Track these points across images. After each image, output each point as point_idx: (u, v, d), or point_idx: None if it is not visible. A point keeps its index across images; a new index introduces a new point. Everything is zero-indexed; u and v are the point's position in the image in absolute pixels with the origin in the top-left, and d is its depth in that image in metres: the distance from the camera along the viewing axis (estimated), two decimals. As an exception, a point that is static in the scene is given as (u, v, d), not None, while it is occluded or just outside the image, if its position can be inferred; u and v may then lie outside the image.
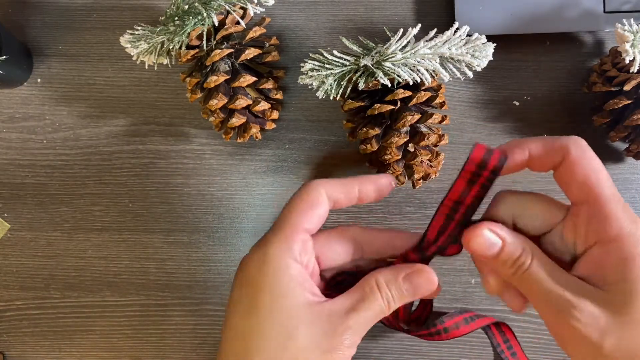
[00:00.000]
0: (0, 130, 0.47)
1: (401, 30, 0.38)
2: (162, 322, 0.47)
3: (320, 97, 0.40)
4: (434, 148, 0.41)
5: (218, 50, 0.39)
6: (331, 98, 0.39)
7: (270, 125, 0.44)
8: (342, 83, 0.39)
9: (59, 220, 0.47)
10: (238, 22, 0.40)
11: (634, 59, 0.38)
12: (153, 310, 0.47)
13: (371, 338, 0.46)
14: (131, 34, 0.41)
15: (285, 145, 0.47)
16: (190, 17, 0.39)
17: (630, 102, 0.40)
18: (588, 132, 0.45)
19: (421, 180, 0.41)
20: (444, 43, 0.38)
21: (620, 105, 0.40)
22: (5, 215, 0.47)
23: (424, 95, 0.39)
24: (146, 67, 0.46)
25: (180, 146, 0.47)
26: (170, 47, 0.40)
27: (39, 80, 0.47)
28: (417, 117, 0.39)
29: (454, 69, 0.39)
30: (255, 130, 0.42)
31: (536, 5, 0.43)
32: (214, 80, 0.39)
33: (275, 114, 0.44)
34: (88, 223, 0.47)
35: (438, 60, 0.38)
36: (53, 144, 0.47)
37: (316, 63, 0.39)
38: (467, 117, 0.46)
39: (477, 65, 0.39)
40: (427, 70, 0.38)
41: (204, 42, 0.40)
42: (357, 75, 0.39)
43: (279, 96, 0.44)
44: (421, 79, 0.38)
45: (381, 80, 0.38)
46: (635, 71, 0.39)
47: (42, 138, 0.47)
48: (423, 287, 0.28)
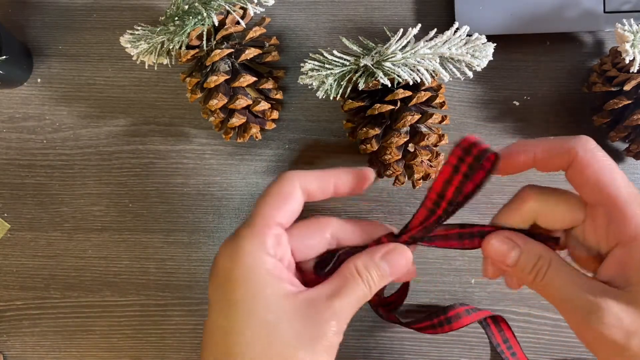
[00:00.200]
0: (0, 130, 0.47)
1: (401, 30, 0.38)
2: (162, 322, 0.47)
3: (320, 97, 0.40)
4: (434, 148, 0.41)
5: (218, 50, 0.39)
6: (331, 98, 0.39)
7: (270, 125, 0.44)
8: (342, 83, 0.39)
9: (59, 220, 0.47)
10: (238, 22, 0.40)
11: (634, 59, 0.38)
12: (153, 310, 0.47)
13: (371, 338, 0.46)
14: (131, 34, 0.41)
15: (285, 145, 0.47)
16: (190, 17, 0.39)
17: (630, 102, 0.40)
18: (588, 132, 0.45)
19: (421, 180, 0.41)
20: (444, 43, 0.38)
21: (620, 105, 0.40)
22: (5, 215, 0.47)
23: (424, 95, 0.39)
24: (146, 67, 0.46)
25: (180, 146, 0.47)
26: (170, 47, 0.40)
27: (39, 80, 0.47)
28: (417, 117, 0.39)
29: (454, 69, 0.39)
30: (255, 130, 0.42)
31: (536, 5, 0.43)
32: (214, 80, 0.39)
33: (275, 114, 0.44)
34: (88, 223, 0.47)
35: (438, 60, 0.38)
36: (53, 144, 0.47)
37: (316, 63, 0.39)
38: (467, 117, 0.46)
39: (477, 65, 0.39)
40: (427, 70, 0.38)
41: (204, 42, 0.40)
42: (357, 75, 0.39)
43: (279, 96, 0.44)
44: (421, 79, 0.38)
45: (381, 80, 0.38)
46: (635, 71, 0.39)
47: (42, 138, 0.47)
48: (400, 264, 0.28)
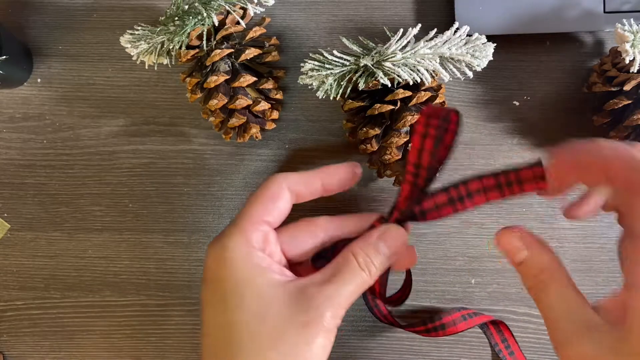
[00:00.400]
0: (0, 130, 0.47)
1: (401, 30, 0.38)
2: (162, 322, 0.47)
3: (320, 97, 0.40)
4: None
5: (218, 50, 0.39)
6: (331, 98, 0.39)
7: (270, 125, 0.44)
8: (342, 83, 0.39)
9: (59, 220, 0.47)
10: (238, 22, 0.40)
11: (634, 59, 0.38)
12: (153, 310, 0.47)
13: (371, 338, 0.46)
14: (131, 34, 0.41)
15: (285, 145, 0.47)
16: (190, 17, 0.39)
17: (630, 102, 0.40)
18: (588, 132, 0.45)
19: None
20: (444, 43, 0.38)
21: (620, 106, 0.40)
22: (5, 215, 0.47)
23: (424, 95, 0.39)
24: (146, 67, 0.46)
25: (180, 146, 0.47)
26: (170, 47, 0.40)
27: (39, 80, 0.47)
28: (417, 117, 0.39)
29: (454, 69, 0.39)
30: (255, 130, 0.42)
31: (536, 5, 0.43)
32: (214, 80, 0.39)
33: (275, 114, 0.44)
34: (88, 223, 0.47)
35: (438, 60, 0.38)
36: (53, 144, 0.47)
37: (316, 63, 0.39)
38: (467, 117, 0.46)
39: (477, 65, 0.39)
40: (427, 70, 0.38)
41: (204, 42, 0.40)
42: (357, 75, 0.39)
43: (279, 96, 0.44)
44: (421, 79, 0.38)
45: (381, 80, 0.38)
46: (635, 71, 0.39)
47: (42, 138, 0.47)
48: (397, 242, 0.28)
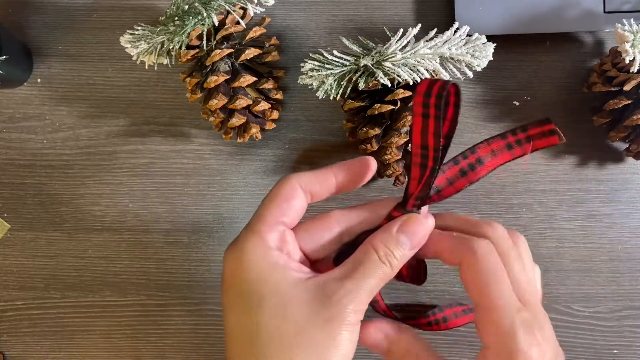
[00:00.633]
0: (0, 130, 0.47)
1: (401, 30, 0.38)
2: (162, 322, 0.47)
3: (320, 97, 0.40)
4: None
5: (218, 50, 0.39)
6: (331, 98, 0.39)
7: (270, 125, 0.44)
8: (342, 83, 0.39)
9: (58, 220, 0.47)
10: (238, 22, 0.40)
11: (634, 59, 0.38)
12: (153, 310, 0.47)
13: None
14: (131, 34, 0.41)
15: (285, 145, 0.47)
16: (190, 17, 0.39)
17: (630, 102, 0.40)
18: (588, 132, 0.45)
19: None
20: (444, 43, 0.38)
21: (620, 105, 0.40)
22: (5, 215, 0.47)
23: (424, 95, 0.39)
24: (146, 67, 0.46)
25: (180, 146, 0.47)
26: (170, 47, 0.40)
27: (39, 80, 0.47)
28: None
29: (454, 69, 0.39)
30: (255, 130, 0.42)
31: (536, 5, 0.43)
32: (214, 80, 0.39)
33: (275, 114, 0.44)
34: (88, 223, 0.47)
35: (438, 60, 0.38)
36: (53, 144, 0.47)
37: (316, 63, 0.39)
38: (467, 117, 0.46)
39: (477, 65, 0.39)
40: (427, 70, 0.38)
41: (204, 42, 0.40)
42: (357, 75, 0.39)
43: (279, 96, 0.44)
44: (421, 79, 0.38)
45: (381, 80, 0.38)
46: (635, 71, 0.39)
47: (42, 138, 0.47)
48: (419, 233, 0.28)
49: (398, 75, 0.38)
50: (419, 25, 0.38)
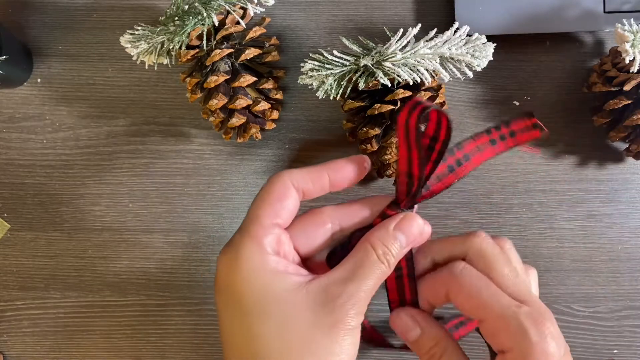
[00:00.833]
0: (0, 130, 0.47)
1: (401, 30, 0.38)
2: (162, 322, 0.47)
3: (320, 97, 0.40)
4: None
5: (218, 50, 0.39)
6: (331, 98, 0.39)
7: (270, 125, 0.44)
8: (342, 83, 0.39)
9: (59, 220, 0.47)
10: (238, 22, 0.40)
11: (634, 59, 0.38)
12: (153, 310, 0.47)
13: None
14: (131, 34, 0.41)
15: (285, 145, 0.47)
16: (190, 17, 0.39)
17: (630, 102, 0.40)
18: (588, 132, 0.45)
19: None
20: (444, 43, 0.38)
21: (620, 105, 0.40)
22: (5, 215, 0.47)
23: (424, 95, 0.39)
24: (146, 67, 0.46)
25: (180, 146, 0.47)
26: (170, 47, 0.40)
27: (39, 80, 0.47)
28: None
29: (454, 69, 0.39)
30: (255, 130, 0.42)
31: (536, 5, 0.43)
32: (214, 80, 0.39)
33: (275, 114, 0.44)
34: (88, 223, 0.47)
35: (438, 60, 0.38)
36: (53, 144, 0.47)
37: (316, 63, 0.39)
38: (467, 117, 0.46)
39: (477, 65, 0.39)
40: (427, 70, 0.38)
41: (204, 42, 0.40)
42: (357, 75, 0.39)
43: (279, 96, 0.44)
44: (421, 79, 0.38)
45: (381, 80, 0.38)
46: (635, 71, 0.39)
47: (42, 138, 0.47)
48: (415, 230, 0.28)
49: (398, 75, 0.38)
50: (419, 25, 0.38)
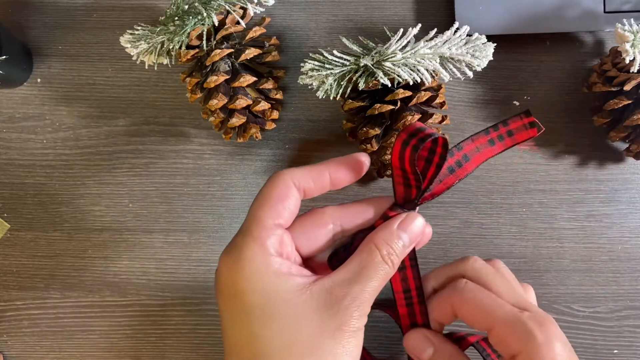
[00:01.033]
0: (0, 130, 0.47)
1: (401, 30, 0.38)
2: (162, 322, 0.47)
3: (320, 97, 0.40)
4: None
5: (218, 50, 0.39)
6: (331, 98, 0.39)
7: (270, 125, 0.44)
8: (342, 83, 0.39)
9: (59, 220, 0.47)
10: (238, 22, 0.40)
11: (634, 59, 0.38)
12: (153, 310, 0.47)
13: (371, 339, 0.46)
14: (131, 34, 0.41)
15: (285, 145, 0.47)
16: (190, 17, 0.39)
17: (630, 102, 0.40)
18: (588, 132, 0.45)
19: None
20: (444, 43, 0.38)
21: (620, 106, 0.40)
22: (5, 215, 0.47)
23: (424, 95, 0.39)
24: (146, 67, 0.46)
25: (180, 146, 0.47)
26: (170, 47, 0.40)
27: (39, 80, 0.47)
28: (417, 117, 0.39)
29: (454, 69, 0.39)
30: (255, 130, 0.42)
31: (536, 5, 0.43)
32: (214, 80, 0.39)
33: (275, 114, 0.44)
34: (88, 223, 0.47)
35: (438, 60, 0.38)
36: (53, 144, 0.47)
37: (316, 63, 0.39)
38: (467, 117, 0.46)
39: (477, 65, 0.39)
40: (427, 70, 0.38)
41: (204, 42, 0.40)
42: (357, 75, 0.39)
43: (279, 96, 0.44)
44: (421, 79, 0.38)
45: (381, 80, 0.38)
46: (636, 71, 0.39)
47: (42, 138, 0.47)
48: (417, 231, 0.28)
49: (398, 75, 0.37)
50: (419, 25, 0.38)
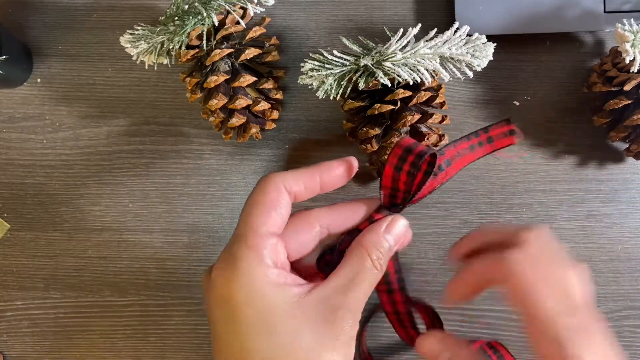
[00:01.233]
0: (0, 130, 0.47)
1: (401, 30, 0.38)
2: (162, 322, 0.47)
3: (320, 97, 0.40)
4: (434, 148, 0.41)
5: (218, 50, 0.39)
6: (331, 98, 0.39)
7: (270, 125, 0.44)
8: (342, 83, 0.39)
9: (59, 220, 0.47)
10: (238, 22, 0.40)
11: (634, 59, 0.38)
12: (153, 310, 0.47)
13: (371, 339, 0.46)
14: (131, 34, 0.41)
15: (285, 145, 0.47)
16: (190, 17, 0.39)
17: (630, 102, 0.40)
18: (588, 132, 0.45)
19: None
20: (444, 43, 0.38)
21: (621, 105, 0.40)
22: (5, 215, 0.47)
23: (424, 95, 0.39)
24: (146, 67, 0.45)
25: (180, 146, 0.47)
26: (170, 47, 0.40)
27: (39, 80, 0.47)
28: (417, 117, 0.39)
29: (454, 69, 0.39)
30: (255, 130, 0.42)
31: (536, 5, 0.43)
32: (214, 80, 0.39)
33: (275, 114, 0.44)
34: (88, 223, 0.47)
35: (438, 60, 0.38)
36: (53, 144, 0.47)
37: (316, 63, 0.39)
38: (467, 117, 0.46)
39: (477, 65, 0.39)
40: (427, 70, 0.38)
41: (204, 42, 0.40)
42: (357, 75, 0.39)
43: (279, 96, 0.44)
44: (421, 79, 0.38)
45: (381, 80, 0.38)
46: (636, 71, 0.39)
47: (42, 138, 0.47)
48: (401, 233, 0.28)
49: (398, 75, 0.37)
50: (419, 25, 0.38)
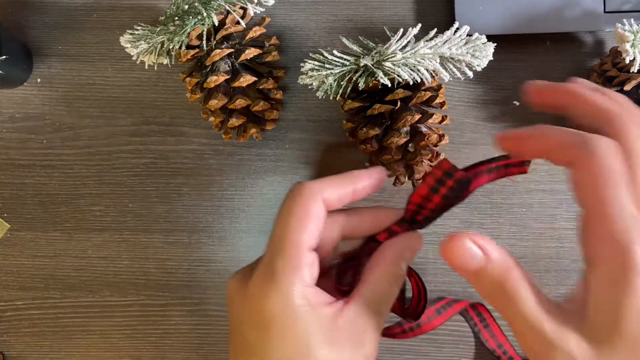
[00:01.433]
0: (0, 130, 0.47)
1: (401, 30, 0.38)
2: (162, 322, 0.47)
3: (320, 97, 0.40)
4: (434, 148, 0.41)
5: (218, 50, 0.39)
6: (331, 98, 0.39)
7: (270, 125, 0.44)
8: (342, 83, 0.39)
9: (59, 220, 0.47)
10: (238, 22, 0.40)
11: (634, 59, 0.38)
12: (153, 310, 0.47)
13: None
14: (131, 34, 0.41)
15: (285, 145, 0.47)
16: (190, 17, 0.39)
17: (630, 102, 0.40)
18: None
19: (421, 180, 0.41)
20: (444, 43, 0.38)
21: (621, 105, 0.40)
22: (5, 215, 0.47)
23: (424, 95, 0.39)
24: (146, 67, 0.46)
25: (180, 146, 0.47)
26: (170, 47, 0.40)
27: (39, 80, 0.47)
28: (417, 117, 0.39)
29: (454, 69, 0.39)
30: (255, 130, 0.42)
31: (536, 5, 0.43)
32: (214, 80, 0.39)
33: (275, 114, 0.44)
34: (88, 223, 0.47)
35: (438, 60, 0.38)
36: (53, 143, 0.47)
37: (316, 63, 0.39)
38: (467, 117, 0.46)
39: (477, 65, 0.39)
40: (427, 70, 0.38)
41: (204, 42, 0.40)
42: (357, 75, 0.39)
43: (279, 96, 0.44)
44: (421, 78, 0.38)
45: (381, 80, 0.38)
46: (636, 71, 0.39)
47: (42, 138, 0.47)
48: (417, 250, 0.28)
49: (398, 75, 0.37)
50: (419, 25, 0.38)
